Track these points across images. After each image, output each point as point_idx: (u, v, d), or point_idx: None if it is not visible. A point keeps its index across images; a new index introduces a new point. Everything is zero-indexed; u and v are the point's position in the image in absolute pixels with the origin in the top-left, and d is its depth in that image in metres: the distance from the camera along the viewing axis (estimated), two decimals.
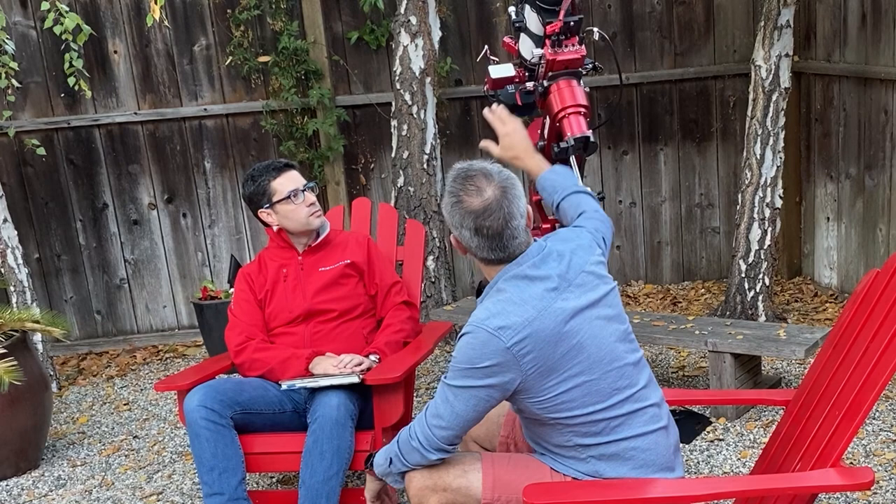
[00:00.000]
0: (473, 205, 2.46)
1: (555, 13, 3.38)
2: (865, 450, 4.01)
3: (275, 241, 3.86)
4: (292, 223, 3.76)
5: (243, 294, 3.84)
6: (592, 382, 2.48)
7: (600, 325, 2.51)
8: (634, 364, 2.58)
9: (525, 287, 2.47)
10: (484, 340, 2.42)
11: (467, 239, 2.51)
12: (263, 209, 3.76)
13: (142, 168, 6.11)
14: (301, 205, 3.73)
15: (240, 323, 3.80)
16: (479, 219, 2.46)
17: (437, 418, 2.53)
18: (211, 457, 3.45)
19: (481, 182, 2.48)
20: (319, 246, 3.84)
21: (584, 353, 2.46)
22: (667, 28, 6.12)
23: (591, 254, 2.63)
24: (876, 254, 5.43)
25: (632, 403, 2.54)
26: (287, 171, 3.77)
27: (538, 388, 2.46)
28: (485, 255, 2.52)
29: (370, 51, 6.05)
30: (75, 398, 5.48)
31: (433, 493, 2.60)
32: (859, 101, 5.47)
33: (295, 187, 3.73)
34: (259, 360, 3.71)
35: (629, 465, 2.54)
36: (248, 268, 3.91)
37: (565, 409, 2.49)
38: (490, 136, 3.27)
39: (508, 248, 2.49)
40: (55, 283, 6.20)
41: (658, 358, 5.27)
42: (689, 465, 4.01)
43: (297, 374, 3.61)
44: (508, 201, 2.47)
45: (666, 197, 6.37)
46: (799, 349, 4.24)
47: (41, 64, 5.89)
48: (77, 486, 4.39)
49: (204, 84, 6.03)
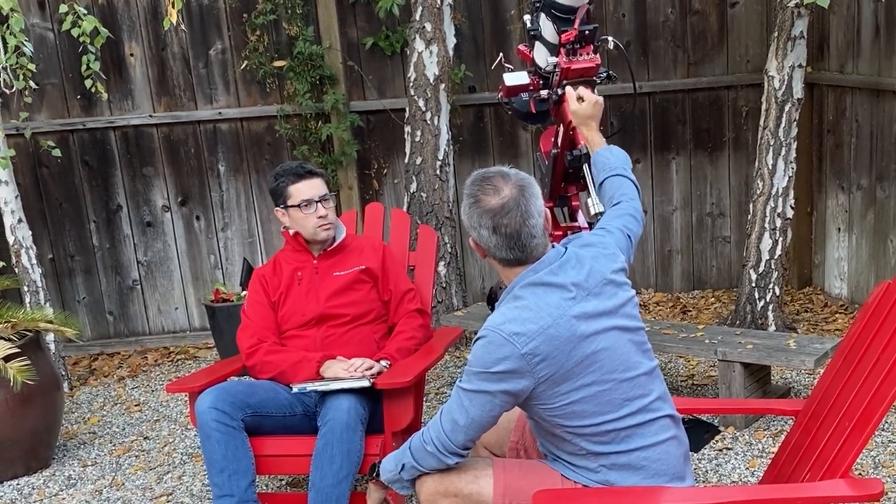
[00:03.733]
0: (491, 203, 2.47)
1: (570, 22, 3.40)
2: (875, 461, 4.00)
3: (291, 244, 3.88)
4: (302, 230, 3.80)
5: (257, 296, 3.86)
6: (605, 392, 2.48)
7: (616, 335, 2.51)
8: (648, 374, 2.58)
9: (542, 294, 2.47)
10: (499, 345, 2.42)
11: (486, 238, 2.50)
12: (279, 208, 3.81)
13: (156, 170, 6.14)
14: (311, 215, 3.75)
15: (252, 325, 3.82)
16: (497, 217, 2.46)
17: (452, 423, 2.53)
18: (222, 458, 3.47)
19: (498, 182, 2.50)
20: (335, 251, 3.86)
21: (599, 362, 2.46)
22: (680, 38, 6.14)
23: (612, 261, 2.62)
24: (887, 265, 5.43)
25: (643, 414, 2.54)
26: (308, 179, 3.78)
27: (550, 395, 2.46)
28: (503, 255, 2.51)
29: (385, 57, 6.07)
30: (87, 398, 5.51)
31: (444, 498, 2.61)
32: (872, 112, 5.47)
33: (309, 197, 3.75)
34: (270, 363, 3.72)
35: (641, 474, 2.54)
36: (262, 269, 3.94)
37: (576, 418, 2.50)
38: (501, 143, 3.30)
39: (527, 247, 2.49)
40: (68, 283, 6.24)
41: (667, 366, 5.27)
42: (698, 474, 4.01)
43: (308, 378, 3.62)
44: (526, 199, 2.48)
45: (677, 206, 6.38)
46: (809, 359, 4.24)
47: (58, 66, 5.93)
48: (87, 486, 4.41)
49: (219, 88, 6.07)
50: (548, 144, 3.95)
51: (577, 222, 4.02)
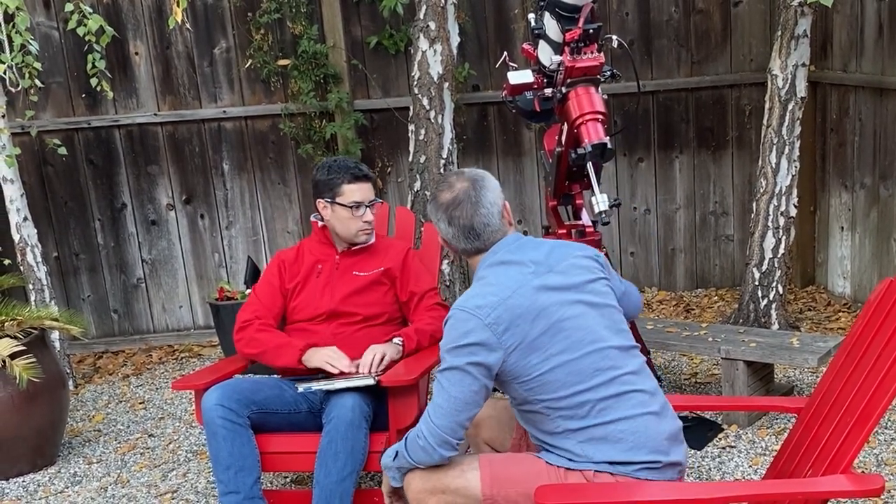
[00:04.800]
0: (444, 198, 2.69)
1: (574, 21, 3.41)
2: (877, 459, 4.01)
3: (317, 235, 3.88)
4: (341, 228, 3.77)
5: (271, 278, 3.87)
6: (574, 362, 2.55)
7: (582, 309, 2.60)
8: (620, 349, 2.63)
9: (502, 271, 2.63)
10: (463, 319, 2.55)
11: (444, 231, 2.72)
12: (323, 200, 3.75)
13: (160, 169, 6.16)
14: (358, 218, 3.74)
15: (256, 302, 3.83)
16: (450, 209, 2.67)
17: (435, 407, 2.60)
18: (227, 455, 3.48)
19: (452, 179, 2.72)
20: (360, 250, 3.85)
21: (565, 331, 2.55)
22: (684, 36, 6.15)
23: (577, 250, 2.74)
24: (890, 264, 5.44)
25: (617, 385, 2.59)
26: (363, 182, 3.76)
27: (522, 367, 2.54)
28: (462, 245, 2.70)
29: (389, 55, 6.09)
30: (91, 396, 5.53)
31: (432, 496, 2.65)
32: (875, 111, 5.48)
33: (361, 200, 3.73)
34: (256, 340, 3.73)
35: (619, 447, 2.57)
36: (285, 253, 3.93)
37: (550, 391, 2.56)
38: (505, 141, 3.33)
39: (482, 235, 2.67)
40: (73, 281, 6.26)
41: (671, 364, 5.29)
42: (701, 472, 4.02)
43: (289, 364, 3.64)
44: (476, 191, 2.67)
45: (680, 204, 6.39)
46: (812, 357, 4.25)
47: (63, 64, 5.95)
48: (93, 484, 4.43)
49: (223, 86, 6.08)
50: (551, 143, 3.96)
51: (580, 220, 4.02)
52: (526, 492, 2.52)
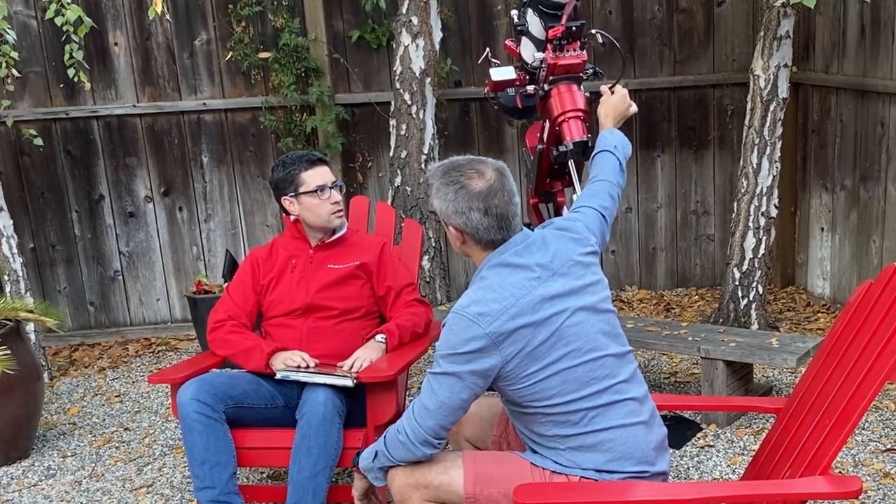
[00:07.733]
0: (479, 186, 2.56)
1: (557, 18, 3.39)
2: (854, 459, 4.02)
3: (290, 231, 3.86)
4: (313, 217, 3.76)
5: (244, 276, 3.86)
6: (571, 370, 2.53)
7: (582, 315, 2.56)
8: (616, 356, 2.62)
9: (506, 275, 2.55)
10: (464, 326, 2.49)
11: (476, 222, 2.56)
12: (287, 197, 3.75)
13: (139, 161, 6.11)
14: (326, 201, 3.73)
15: (229, 301, 3.83)
16: (488, 198, 2.55)
17: (422, 408, 2.58)
18: (203, 450, 3.45)
19: (479, 166, 2.61)
20: (333, 243, 3.84)
21: (564, 339, 2.52)
22: (667, 35, 6.15)
23: (581, 245, 2.69)
24: (869, 265, 5.46)
25: (610, 395, 2.57)
26: (319, 166, 3.77)
27: (518, 375, 2.51)
28: (491, 236, 2.59)
29: (371, 50, 6.06)
30: (67, 389, 5.48)
31: (415, 491, 2.63)
32: (856, 113, 5.49)
33: (323, 183, 3.73)
34: (227, 342, 3.73)
35: (606, 456, 2.57)
36: (258, 251, 3.92)
37: (544, 398, 2.54)
38: (487, 138, 3.30)
39: (511, 225, 2.59)
40: (49, 273, 6.20)
41: (650, 363, 5.29)
42: (679, 471, 4.02)
43: (257, 368, 3.63)
44: (507, 180, 2.60)
45: (662, 203, 6.39)
46: (791, 358, 4.26)
47: (41, 54, 5.89)
48: (67, 477, 4.39)
49: (204, 78, 6.04)
50: (533, 140, 3.94)
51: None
52: (508, 492, 2.50)
